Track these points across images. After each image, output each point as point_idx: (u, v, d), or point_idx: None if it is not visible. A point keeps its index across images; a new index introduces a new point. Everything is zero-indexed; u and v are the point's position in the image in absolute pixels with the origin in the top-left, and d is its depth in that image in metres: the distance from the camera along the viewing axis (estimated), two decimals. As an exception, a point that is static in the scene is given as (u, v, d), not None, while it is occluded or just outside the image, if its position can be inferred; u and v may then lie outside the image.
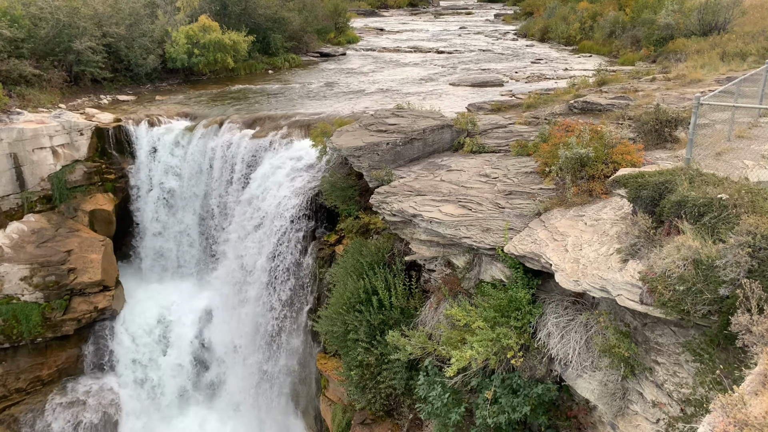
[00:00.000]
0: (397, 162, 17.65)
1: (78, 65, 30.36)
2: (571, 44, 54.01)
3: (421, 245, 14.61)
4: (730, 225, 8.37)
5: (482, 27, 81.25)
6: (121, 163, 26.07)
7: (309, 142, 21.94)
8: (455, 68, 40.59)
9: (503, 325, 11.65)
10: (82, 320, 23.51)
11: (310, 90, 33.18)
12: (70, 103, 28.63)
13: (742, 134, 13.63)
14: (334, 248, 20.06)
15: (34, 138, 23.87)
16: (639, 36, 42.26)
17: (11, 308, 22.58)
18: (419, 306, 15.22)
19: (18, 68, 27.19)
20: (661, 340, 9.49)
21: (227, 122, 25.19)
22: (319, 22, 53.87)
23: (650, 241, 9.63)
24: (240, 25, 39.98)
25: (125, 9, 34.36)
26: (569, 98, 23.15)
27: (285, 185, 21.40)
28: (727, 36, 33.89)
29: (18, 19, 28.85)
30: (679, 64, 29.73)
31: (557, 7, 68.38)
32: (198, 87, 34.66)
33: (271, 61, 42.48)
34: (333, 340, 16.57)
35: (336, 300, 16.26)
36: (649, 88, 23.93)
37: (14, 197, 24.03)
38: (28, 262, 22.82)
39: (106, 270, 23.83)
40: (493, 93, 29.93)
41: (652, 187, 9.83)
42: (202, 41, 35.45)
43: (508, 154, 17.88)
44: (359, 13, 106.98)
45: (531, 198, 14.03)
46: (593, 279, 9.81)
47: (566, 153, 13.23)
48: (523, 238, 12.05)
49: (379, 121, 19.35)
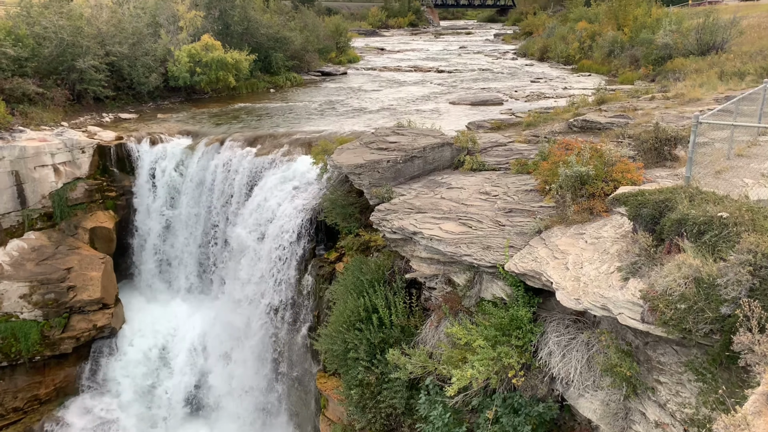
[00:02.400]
0: (397, 179, 17.69)
1: (81, 84, 30.59)
2: (570, 63, 54.45)
3: (421, 263, 14.58)
4: (730, 243, 8.35)
5: (482, 46, 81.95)
6: (123, 180, 26.15)
7: (310, 160, 22.02)
8: (455, 87, 40.88)
9: (504, 343, 11.57)
10: (80, 338, 23.40)
11: (311, 108, 33.37)
12: (73, 121, 28.80)
13: (741, 153, 13.67)
14: (335, 266, 20.02)
15: (36, 156, 23.97)
16: (638, 55, 42.63)
17: (10, 326, 22.49)
18: (420, 324, 15.13)
19: (21, 87, 27.38)
20: (663, 359, 9.42)
21: (228, 140, 25.30)
22: (320, 41, 54.44)
23: (651, 259, 9.60)
24: (242, 44, 40.38)
25: (128, 28, 34.72)
26: (569, 117, 23.26)
27: (286, 203, 21.43)
28: (725, 56, 34.18)
29: (22, 38, 29.13)
30: (678, 83, 29.92)
31: (556, 27, 69.13)
32: (200, 105, 34.88)
33: (272, 80, 42.82)
34: (333, 359, 16.45)
35: (336, 318, 16.18)
36: (649, 106, 24.06)
37: (15, 215, 24.05)
38: (28, 280, 22.78)
39: (105, 288, 23.78)
40: (492, 112, 30.09)
41: (652, 206, 9.83)
42: (204, 60, 35.77)
43: (508, 172, 17.92)
44: (360, 32, 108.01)
45: (531, 216, 14.03)
46: (594, 297, 9.77)
47: (566, 171, 13.27)
48: (524, 256, 12.02)
49: (379, 139, 19.43)
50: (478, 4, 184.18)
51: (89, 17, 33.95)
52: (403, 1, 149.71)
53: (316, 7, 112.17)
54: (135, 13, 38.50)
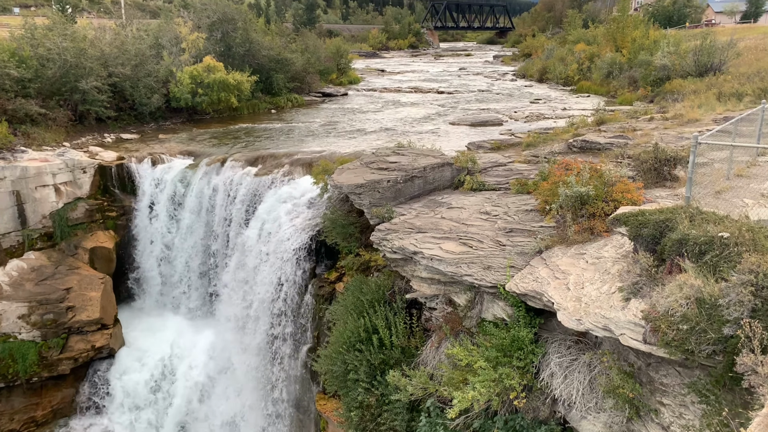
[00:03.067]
0: (397, 199, 17.71)
1: (83, 104, 30.83)
2: (569, 84, 54.89)
3: (422, 283, 14.53)
4: (731, 263, 8.33)
5: (481, 68, 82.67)
6: (123, 200, 26.19)
7: (310, 180, 22.07)
8: (455, 108, 41.15)
9: (506, 365, 11.47)
10: (78, 359, 23.22)
11: (312, 129, 33.56)
12: (75, 142, 28.95)
13: (741, 173, 13.69)
14: (335, 286, 19.94)
15: (38, 176, 24.04)
16: (636, 76, 42.99)
17: (8, 347, 22.34)
18: (420, 345, 15.02)
19: (24, 107, 27.60)
20: (666, 380, 9.33)
21: (229, 160, 25.39)
22: (321, 63, 55.02)
23: (652, 279, 9.56)
24: (244, 65, 40.78)
25: (131, 50, 35.10)
26: (568, 137, 23.36)
27: (286, 222, 21.42)
28: (723, 77, 34.46)
29: (26, 60, 29.44)
30: (677, 103, 30.13)
31: (555, 48, 69.83)
32: (201, 126, 35.09)
33: (273, 101, 43.17)
34: (332, 380, 16.30)
35: (336, 339, 16.07)
36: (648, 127, 24.17)
37: (15, 234, 24.05)
38: (27, 300, 22.68)
39: (104, 308, 23.67)
40: (492, 132, 30.24)
41: (652, 226, 9.82)
42: (206, 81, 36.09)
43: (508, 192, 17.94)
44: (361, 54, 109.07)
45: (532, 236, 14.01)
46: (596, 318, 9.71)
47: (566, 191, 13.28)
48: (525, 276, 11.98)
49: (380, 159, 19.49)
50: (478, 26, 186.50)
51: (93, 39, 34.38)
52: (404, 24, 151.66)
53: (317, 29, 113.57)
54: (138, 35, 39.02)
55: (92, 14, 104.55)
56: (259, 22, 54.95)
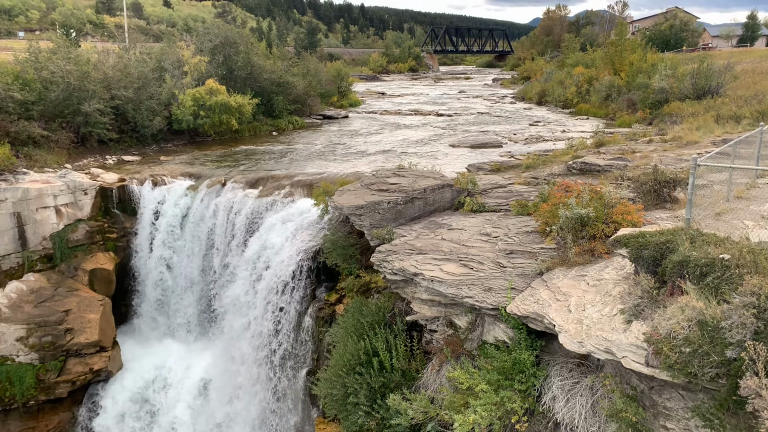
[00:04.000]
0: (398, 221, 17.73)
1: (85, 127, 31.02)
2: (568, 107, 55.28)
3: (422, 305, 14.47)
4: (733, 285, 8.30)
5: (481, 91, 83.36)
6: (124, 222, 26.21)
7: (311, 201, 22.12)
8: (455, 130, 41.39)
9: (507, 388, 11.37)
10: (76, 382, 23.01)
11: (313, 151, 33.73)
12: (76, 163, 29.07)
13: (740, 195, 13.73)
14: (335, 308, 19.86)
15: (39, 197, 24.10)
16: (634, 99, 43.32)
17: (5, 369, 22.15)
18: (421, 368, 14.90)
19: (27, 130, 27.76)
20: (669, 404, 9.24)
21: (230, 182, 25.48)
22: (322, 86, 55.52)
23: (653, 301, 9.52)
24: (245, 88, 41.15)
25: (134, 73, 35.45)
26: (568, 159, 23.46)
27: (286, 244, 21.41)
28: (721, 99, 34.75)
29: (29, 83, 29.71)
30: (675, 126, 30.32)
31: (554, 71, 70.48)
32: (203, 148, 35.28)
33: (275, 123, 43.47)
34: (332, 404, 16.14)
35: (336, 361, 15.95)
36: (647, 149, 24.30)
37: (15, 256, 24.02)
38: (25, 322, 22.56)
39: (103, 330, 23.52)
40: (492, 154, 30.39)
41: (653, 247, 9.81)
42: (208, 103, 36.39)
43: (508, 214, 17.97)
44: (361, 77, 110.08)
45: (532, 257, 13.99)
46: (597, 340, 9.64)
47: (567, 213, 13.29)
48: (526, 298, 11.93)
49: (380, 180, 19.56)
50: (477, 50, 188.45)
51: (96, 62, 34.74)
52: (404, 48, 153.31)
53: (318, 53, 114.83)
54: (141, 59, 39.42)
55: (96, 38, 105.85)
56: (261, 46, 55.55)
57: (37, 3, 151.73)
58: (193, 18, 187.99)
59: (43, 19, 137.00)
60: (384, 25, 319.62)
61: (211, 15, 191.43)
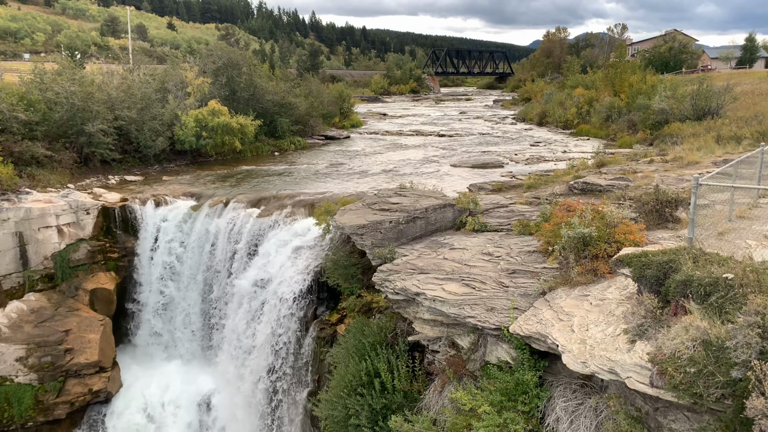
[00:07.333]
0: (399, 240, 17.71)
1: (89, 147, 31.19)
2: (568, 128, 55.56)
3: (424, 325, 14.38)
4: (737, 305, 8.25)
5: (482, 112, 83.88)
6: (126, 242, 26.20)
7: (313, 221, 22.12)
8: (456, 151, 41.57)
9: (510, 409, 11.24)
10: (75, 403, 22.79)
11: (315, 171, 33.85)
12: (79, 183, 29.18)
13: (742, 214, 13.72)
14: (336, 328, 19.74)
15: (41, 217, 24.14)
16: (635, 120, 43.54)
17: (4, 390, 21.97)
18: (423, 389, 14.76)
19: (30, 150, 27.92)
20: (675, 426, 9.12)
21: (232, 201, 25.53)
22: (324, 107, 55.93)
23: (657, 321, 9.46)
24: (248, 109, 41.44)
25: (137, 94, 35.76)
26: (569, 179, 23.50)
27: (288, 263, 21.37)
28: (721, 120, 34.91)
29: (34, 104, 29.96)
30: (676, 146, 30.41)
31: (554, 93, 70.96)
32: (205, 168, 35.42)
33: (277, 144, 43.70)
34: (333, 426, 15.96)
35: (337, 383, 15.81)
36: (648, 169, 24.35)
37: (16, 276, 23.98)
38: (25, 342, 22.44)
39: (103, 350, 23.37)
40: (493, 174, 30.47)
41: (656, 267, 9.78)
42: (210, 124, 36.62)
43: (510, 233, 17.95)
44: (363, 99, 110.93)
45: (535, 277, 13.94)
46: (601, 361, 9.56)
47: (569, 232, 13.27)
48: (529, 318, 11.86)
49: (382, 200, 19.59)
50: (478, 71, 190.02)
51: (100, 83, 35.06)
52: (405, 69, 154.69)
53: (320, 74, 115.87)
54: (144, 80, 39.78)
55: (101, 60, 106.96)
56: (263, 67, 56.07)
57: (43, 26, 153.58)
58: (197, 40, 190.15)
59: (48, 42, 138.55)
60: (385, 47, 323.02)
61: (214, 37, 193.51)
